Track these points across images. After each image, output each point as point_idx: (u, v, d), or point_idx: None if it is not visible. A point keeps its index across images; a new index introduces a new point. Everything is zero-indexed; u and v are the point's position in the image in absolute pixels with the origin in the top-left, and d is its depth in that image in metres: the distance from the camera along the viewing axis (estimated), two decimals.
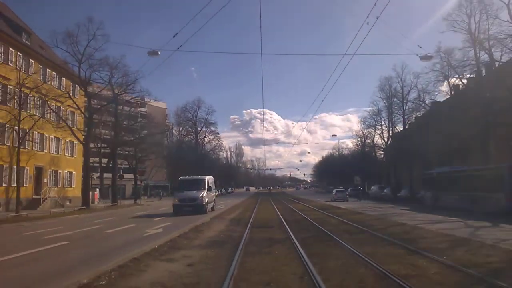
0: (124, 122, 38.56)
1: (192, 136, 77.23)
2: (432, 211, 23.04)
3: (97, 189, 44.86)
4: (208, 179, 23.83)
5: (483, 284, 5.86)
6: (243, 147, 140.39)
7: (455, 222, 16.28)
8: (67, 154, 36.98)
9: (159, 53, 21.20)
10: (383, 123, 52.03)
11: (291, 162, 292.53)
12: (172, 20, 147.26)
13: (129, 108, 40.78)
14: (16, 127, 24.50)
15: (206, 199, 21.96)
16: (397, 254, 8.43)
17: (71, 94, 32.04)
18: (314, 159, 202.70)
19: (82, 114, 35.44)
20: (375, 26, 10.48)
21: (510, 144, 26.71)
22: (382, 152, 57.22)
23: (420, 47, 18.65)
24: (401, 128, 49.20)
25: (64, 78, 35.60)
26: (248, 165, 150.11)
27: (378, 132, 54.03)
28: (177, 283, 5.98)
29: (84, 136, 32.06)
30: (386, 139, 52.07)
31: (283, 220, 17.23)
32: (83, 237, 12.86)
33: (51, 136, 33.77)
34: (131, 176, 51.35)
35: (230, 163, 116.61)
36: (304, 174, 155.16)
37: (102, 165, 50.43)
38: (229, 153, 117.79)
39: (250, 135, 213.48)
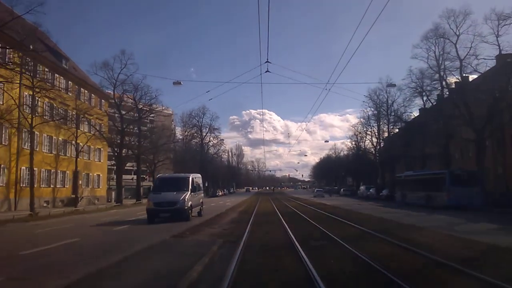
0: (148, 134, 45.02)
1: (197, 140, 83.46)
2: (398, 207, 29.40)
3: None
4: (193, 177, 19.99)
5: (370, 234, 12.13)
6: (242, 147, 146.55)
7: (402, 213, 22.52)
8: (96, 160, 43.41)
9: (181, 83, 27.83)
10: (372, 129, 58.64)
11: (291, 163, 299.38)
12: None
13: (146, 116, 47.12)
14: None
15: (190, 203, 18.12)
16: (340, 226, 14.79)
17: (98, 107, 38.73)
18: (314, 159, 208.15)
19: (107, 124, 42.17)
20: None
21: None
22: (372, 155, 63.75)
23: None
24: (389, 134, 55.76)
25: (93, 95, 42.11)
26: (249, 166, 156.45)
27: (369, 137, 60.74)
28: (221, 233, 12.37)
29: (114, 143, 38.58)
30: (375, 144, 58.68)
31: (277, 211, 23.67)
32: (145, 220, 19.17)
33: (88, 144, 40.22)
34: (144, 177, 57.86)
35: (231, 164, 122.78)
36: (302, 175, 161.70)
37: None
38: (230, 154, 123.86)
39: (250, 135, 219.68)
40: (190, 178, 19.30)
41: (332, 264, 7.34)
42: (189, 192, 18.29)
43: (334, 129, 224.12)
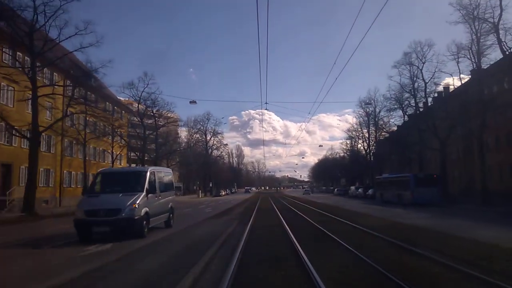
0: (163, 141, 51.64)
1: (201, 143, 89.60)
2: (377, 204, 35.49)
3: None
4: (153, 171, 13.87)
5: (336, 220, 18.29)
6: (242, 148, 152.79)
7: (374, 208, 28.47)
8: (118, 164, 49.72)
9: (196, 102, 34.09)
10: (363, 134, 65.03)
11: (291, 163, 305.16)
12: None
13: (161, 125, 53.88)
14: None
15: (145, 209, 12.20)
16: (321, 215, 21.00)
17: (120, 117, 45.58)
18: (313, 160, 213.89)
19: (127, 132, 48.87)
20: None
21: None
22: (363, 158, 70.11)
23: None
24: (377, 140, 62.12)
25: (116, 107, 48.56)
26: (249, 167, 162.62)
27: (361, 141, 67.18)
28: (234, 218, 18.68)
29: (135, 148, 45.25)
30: (366, 148, 65.06)
31: (274, 206, 30.02)
32: None
33: (109, 151, 46.57)
34: None
35: (232, 164, 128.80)
36: (301, 176, 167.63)
37: None
38: (231, 155, 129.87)
39: (249, 135, 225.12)
40: (147, 173, 13.22)
41: (303, 232, 13.58)
42: (144, 194, 12.37)
43: (333, 129, 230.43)
